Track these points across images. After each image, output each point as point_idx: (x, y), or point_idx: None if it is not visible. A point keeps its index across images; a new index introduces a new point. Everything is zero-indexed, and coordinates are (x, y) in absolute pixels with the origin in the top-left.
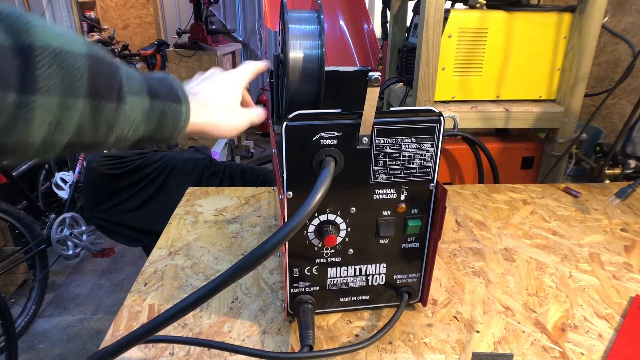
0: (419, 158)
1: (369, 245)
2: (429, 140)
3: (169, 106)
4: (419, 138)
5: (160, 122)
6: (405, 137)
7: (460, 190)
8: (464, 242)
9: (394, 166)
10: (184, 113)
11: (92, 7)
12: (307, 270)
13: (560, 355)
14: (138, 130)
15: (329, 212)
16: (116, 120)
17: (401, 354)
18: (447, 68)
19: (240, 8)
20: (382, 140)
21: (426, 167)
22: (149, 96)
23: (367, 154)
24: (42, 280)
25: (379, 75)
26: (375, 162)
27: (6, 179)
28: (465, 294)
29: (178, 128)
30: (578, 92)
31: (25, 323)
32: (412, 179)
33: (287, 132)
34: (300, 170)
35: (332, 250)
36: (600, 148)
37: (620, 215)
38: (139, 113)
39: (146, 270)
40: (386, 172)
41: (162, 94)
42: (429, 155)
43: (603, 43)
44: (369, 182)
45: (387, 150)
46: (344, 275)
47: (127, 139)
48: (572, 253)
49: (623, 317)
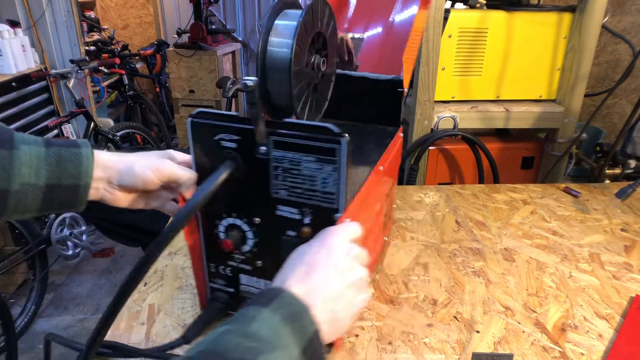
0: (321, 181)
1: (276, 261)
2: (329, 163)
3: (65, 150)
4: (320, 158)
5: (60, 166)
6: (304, 155)
7: (460, 190)
8: (464, 242)
9: (295, 184)
10: (84, 155)
11: (92, 7)
12: (222, 269)
13: (560, 355)
14: (40, 175)
15: (235, 216)
16: (12, 165)
17: (401, 354)
18: (447, 68)
19: (240, 8)
20: (280, 153)
21: (329, 192)
22: (44, 145)
23: (266, 164)
24: (42, 280)
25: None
26: (275, 175)
27: None
28: (465, 294)
29: (80, 170)
30: (578, 92)
31: (25, 323)
32: (315, 202)
33: (192, 127)
34: (207, 168)
35: (242, 256)
36: (600, 148)
37: (620, 215)
38: (35, 158)
39: None
40: (287, 189)
41: (58, 143)
42: (332, 179)
43: (603, 43)
44: (270, 196)
45: (286, 165)
46: (255, 285)
47: (32, 185)
48: (572, 253)
49: (623, 317)
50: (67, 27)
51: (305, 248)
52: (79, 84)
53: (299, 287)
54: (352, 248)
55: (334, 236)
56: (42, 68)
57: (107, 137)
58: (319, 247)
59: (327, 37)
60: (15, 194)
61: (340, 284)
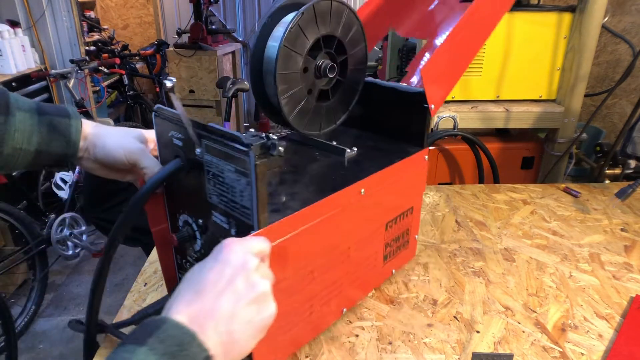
0: (239, 192)
1: None
2: (243, 175)
3: (57, 120)
4: (237, 169)
5: (51, 134)
6: (226, 162)
7: (460, 190)
8: (464, 242)
9: (222, 192)
10: (74, 127)
11: (92, 7)
12: (184, 262)
13: (560, 355)
14: (32, 142)
15: (187, 214)
16: (7, 131)
17: (401, 354)
18: None
19: (240, 8)
20: (209, 158)
21: (246, 207)
22: (37, 112)
23: (202, 167)
24: (42, 280)
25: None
26: (208, 179)
27: (6, 179)
28: (465, 294)
29: (70, 140)
30: (578, 92)
31: (25, 323)
32: (236, 214)
33: (155, 122)
34: (167, 160)
35: (196, 254)
36: (600, 148)
37: (620, 215)
38: (28, 125)
39: (146, 270)
40: (217, 195)
41: (50, 111)
42: (247, 193)
43: (603, 43)
44: (206, 199)
45: (215, 170)
46: None
47: (24, 150)
48: (572, 253)
49: (623, 317)
50: (67, 27)
51: (198, 266)
52: (79, 84)
53: (185, 313)
54: (249, 261)
55: (228, 249)
56: (42, 68)
57: None
58: (213, 263)
59: (345, 41)
60: (7, 157)
61: (235, 302)
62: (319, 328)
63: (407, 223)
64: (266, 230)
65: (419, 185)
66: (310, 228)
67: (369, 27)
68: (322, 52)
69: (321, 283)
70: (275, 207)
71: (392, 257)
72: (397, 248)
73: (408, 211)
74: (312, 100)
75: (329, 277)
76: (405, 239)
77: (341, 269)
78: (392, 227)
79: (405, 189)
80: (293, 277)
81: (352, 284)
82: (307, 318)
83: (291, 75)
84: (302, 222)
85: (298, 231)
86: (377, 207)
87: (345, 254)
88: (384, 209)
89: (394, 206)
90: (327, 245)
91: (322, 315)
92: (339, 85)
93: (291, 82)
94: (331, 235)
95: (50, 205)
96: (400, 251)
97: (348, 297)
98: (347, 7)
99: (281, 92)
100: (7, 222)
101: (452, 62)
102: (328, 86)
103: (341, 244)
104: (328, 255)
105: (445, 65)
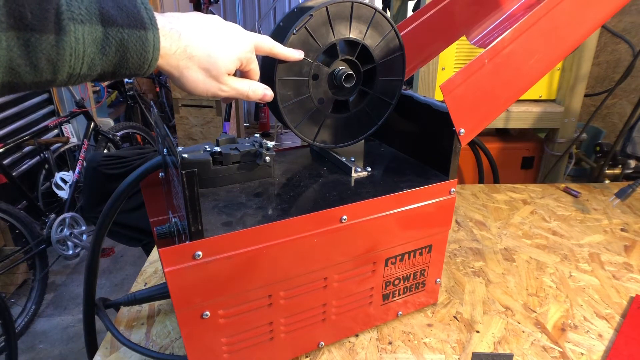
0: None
1: None
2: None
3: (129, 34)
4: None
5: (122, 55)
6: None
7: (460, 190)
8: (464, 242)
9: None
10: (152, 42)
11: None
12: None
13: (560, 355)
14: (95, 66)
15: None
16: (60, 55)
17: (401, 354)
18: (447, 68)
19: (240, 8)
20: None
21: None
22: (102, 23)
23: None
24: (42, 280)
25: None
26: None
27: (6, 179)
28: (465, 294)
29: (147, 61)
30: (578, 92)
31: (25, 323)
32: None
33: None
34: None
35: None
36: (600, 148)
37: (620, 215)
38: (91, 45)
39: (146, 270)
40: (175, 199)
41: (119, 19)
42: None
43: (603, 43)
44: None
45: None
46: None
47: (83, 75)
48: (572, 253)
49: (623, 317)
50: None
51: None
52: None
53: None
54: None
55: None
56: None
57: (107, 137)
58: None
59: (373, 48)
60: (60, 82)
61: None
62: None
63: (422, 262)
64: (201, 243)
65: (440, 222)
66: (262, 249)
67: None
68: (338, 58)
69: (286, 309)
70: (233, 219)
71: (398, 297)
72: (405, 289)
73: (423, 249)
74: (325, 111)
75: (296, 305)
76: (420, 280)
77: (316, 300)
78: (398, 265)
79: (417, 223)
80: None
81: (336, 318)
82: (266, 343)
83: (296, 82)
84: (251, 242)
85: (246, 250)
86: (368, 238)
87: (320, 284)
88: (381, 243)
89: (399, 241)
90: (291, 271)
91: (287, 343)
92: (365, 97)
93: (295, 89)
94: (297, 260)
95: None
96: (412, 293)
97: (327, 331)
98: (376, 9)
99: (282, 99)
100: (7, 222)
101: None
102: (348, 96)
103: (313, 273)
104: (292, 281)
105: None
